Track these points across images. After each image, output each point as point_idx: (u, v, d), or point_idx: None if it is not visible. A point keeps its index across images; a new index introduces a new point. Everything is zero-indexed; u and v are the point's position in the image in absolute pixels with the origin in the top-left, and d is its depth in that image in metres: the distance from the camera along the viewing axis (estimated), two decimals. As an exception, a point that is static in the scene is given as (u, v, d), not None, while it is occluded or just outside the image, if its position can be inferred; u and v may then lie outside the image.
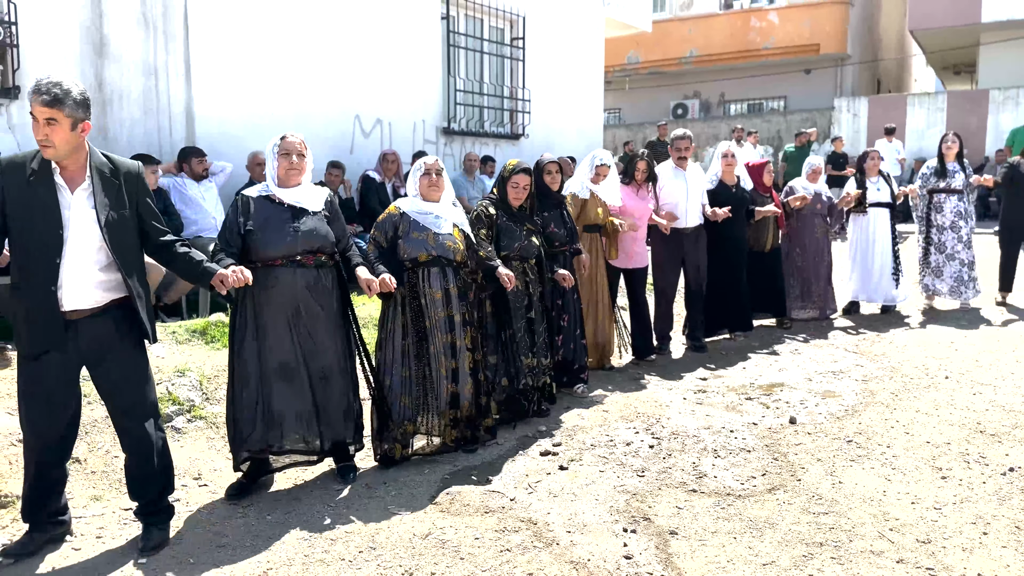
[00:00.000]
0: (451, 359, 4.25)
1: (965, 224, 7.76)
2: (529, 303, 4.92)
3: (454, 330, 4.25)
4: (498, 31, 10.62)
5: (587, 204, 5.80)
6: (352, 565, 3.20)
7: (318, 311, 3.81)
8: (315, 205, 3.86)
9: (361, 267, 3.95)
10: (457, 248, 4.26)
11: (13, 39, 5.92)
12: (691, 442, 4.53)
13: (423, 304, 4.19)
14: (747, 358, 6.41)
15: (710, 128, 19.63)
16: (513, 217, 4.87)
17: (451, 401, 4.29)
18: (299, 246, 3.73)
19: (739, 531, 3.44)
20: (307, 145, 3.88)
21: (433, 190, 4.28)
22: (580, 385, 5.44)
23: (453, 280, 4.27)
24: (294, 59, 7.90)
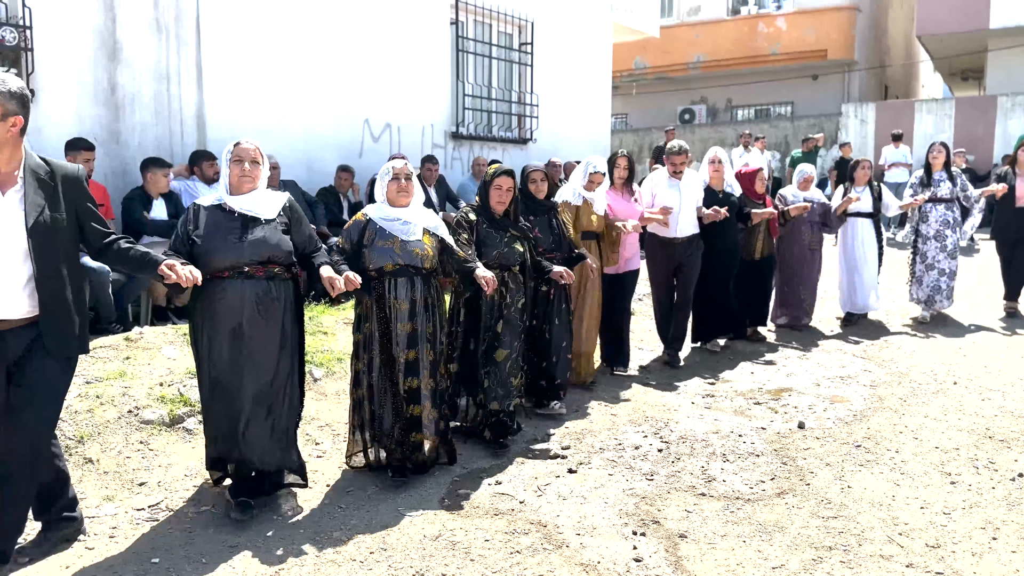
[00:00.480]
0: (412, 378, 3.99)
1: (952, 234, 7.71)
2: (500, 315, 4.58)
3: (417, 345, 3.99)
4: (506, 36, 10.66)
5: (580, 211, 5.62)
6: (363, 566, 3.23)
7: (265, 327, 3.57)
8: (268, 213, 3.64)
9: (325, 266, 3.74)
10: (426, 255, 4.01)
11: (28, 43, 5.97)
12: (700, 446, 4.54)
13: (389, 315, 3.96)
14: (755, 363, 6.42)
15: (717, 133, 19.63)
16: (495, 224, 4.62)
17: (400, 420, 4.00)
18: (246, 256, 3.52)
19: (748, 535, 3.45)
20: (262, 152, 3.69)
21: (402, 195, 4.05)
22: (556, 402, 5.11)
23: (421, 290, 4.01)
24: (304, 64, 7.95)
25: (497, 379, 4.55)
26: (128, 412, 4.33)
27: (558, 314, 5.06)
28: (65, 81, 6.25)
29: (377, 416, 4.01)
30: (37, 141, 6.10)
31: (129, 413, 4.31)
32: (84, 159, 5.76)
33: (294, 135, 7.84)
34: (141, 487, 3.89)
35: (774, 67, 21.06)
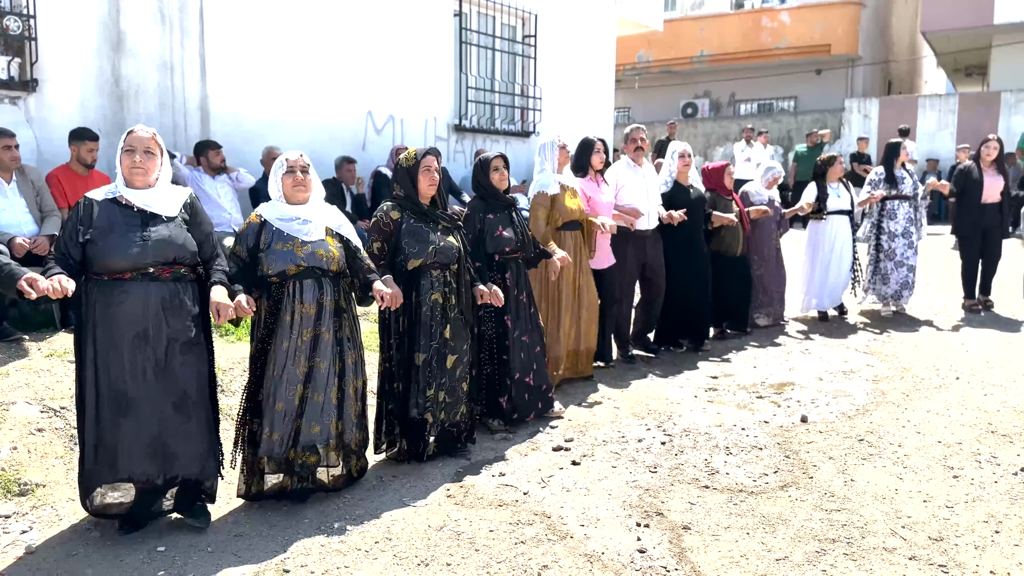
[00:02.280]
0: (316, 392, 3.64)
1: (915, 230, 7.79)
2: (447, 320, 4.14)
3: (316, 354, 3.63)
4: (510, 28, 10.65)
5: (557, 200, 5.23)
6: (368, 555, 3.24)
7: (170, 333, 3.29)
8: (170, 210, 3.35)
9: (218, 287, 3.37)
10: (331, 257, 3.63)
11: (32, 32, 5.97)
12: (703, 439, 4.55)
13: (289, 322, 3.58)
14: (757, 357, 6.43)
15: (720, 128, 19.61)
16: (423, 216, 4.13)
17: (293, 436, 3.64)
18: (150, 256, 3.23)
19: (752, 527, 3.46)
20: (160, 142, 3.39)
21: (298, 190, 3.64)
22: (557, 404, 4.98)
23: (331, 293, 3.66)
24: (308, 56, 7.94)
25: (448, 387, 4.18)
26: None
27: (530, 319, 4.78)
28: (69, 71, 6.25)
29: (268, 435, 3.61)
30: (42, 131, 6.12)
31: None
32: (88, 149, 5.76)
33: (297, 126, 7.84)
34: None
35: (778, 62, 21.04)
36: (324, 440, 3.67)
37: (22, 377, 4.51)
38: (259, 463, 3.66)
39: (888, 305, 7.89)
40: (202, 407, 3.44)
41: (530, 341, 4.76)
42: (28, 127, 6.01)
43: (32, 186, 5.47)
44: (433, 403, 4.11)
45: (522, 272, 4.79)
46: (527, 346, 4.74)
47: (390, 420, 4.17)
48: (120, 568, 3.12)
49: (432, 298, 4.08)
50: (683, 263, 6.34)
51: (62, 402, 4.33)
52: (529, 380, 4.73)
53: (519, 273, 4.76)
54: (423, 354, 4.06)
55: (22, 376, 4.52)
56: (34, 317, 5.50)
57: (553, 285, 5.24)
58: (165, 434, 3.31)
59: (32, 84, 6.01)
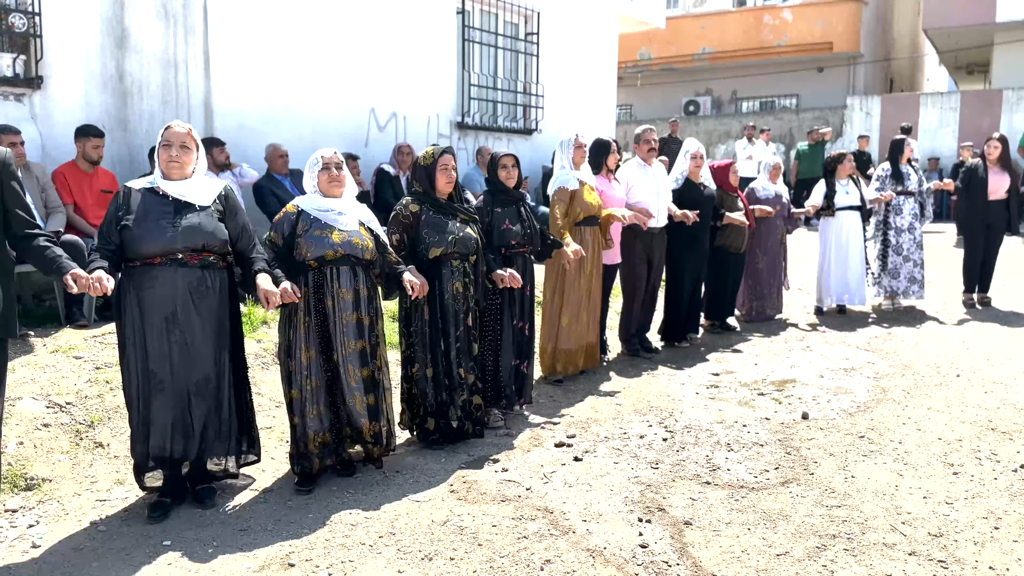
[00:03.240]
0: (362, 367, 3.88)
1: (919, 225, 7.91)
2: (468, 308, 4.36)
3: (364, 335, 3.86)
4: (512, 26, 10.66)
5: (577, 195, 5.37)
6: (372, 549, 3.26)
7: (198, 317, 3.46)
8: (204, 200, 3.52)
9: (262, 275, 3.54)
10: (366, 246, 3.84)
11: (36, 29, 5.99)
12: (704, 436, 4.58)
13: (330, 307, 3.78)
14: (759, 355, 6.45)
15: (722, 125, 19.62)
16: (442, 209, 4.31)
17: (369, 412, 3.92)
18: (179, 242, 3.39)
19: (753, 522, 3.49)
20: (195, 137, 3.57)
21: (334, 186, 3.86)
22: (495, 410, 4.82)
23: (364, 280, 3.87)
24: (311, 53, 7.95)
25: (476, 373, 4.45)
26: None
27: (531, 313, 4.90)
28: (73, 68, 6.27)
29: (315, 417, 3.83)
30: (46, 127, 6.14)
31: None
32: (94, 146, 5.79)
33: (301, 123, 7.86)
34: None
35: (780, 59, 21.04)
36: (359, 418, 3.88)
37: (28, 373, 4.54)
38: (308, 443, 3.84)
39: (898, 300, 7.95)
40: (225, 391, 3.60)
41: (524, 333, 4.89)
42: (33, 124, 6.03)
43: (37, 182, 5.49)
44: (460, 386, 4.35)
45: (528, 266, 4.92)
46: (524, 335, 4.90)
47: (413, 404, 4.39)
48: (126, 562, 3.15)
49: (454, 287, 4.26)
50: (689, 259, 6.49)
51: (67, 397, 4.36)
52: (524, 367, 4.92)
53: (525, 267, 4.87)
54: (448, 340, 4.29)
55: (28, 372, 4.55)
56: (38, 312, 5.52)
57: (572, 281, 5.42)
58: (190, 414, 3.50)
59: (37, 81, 6.03)
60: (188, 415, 3.51)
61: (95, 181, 5.91)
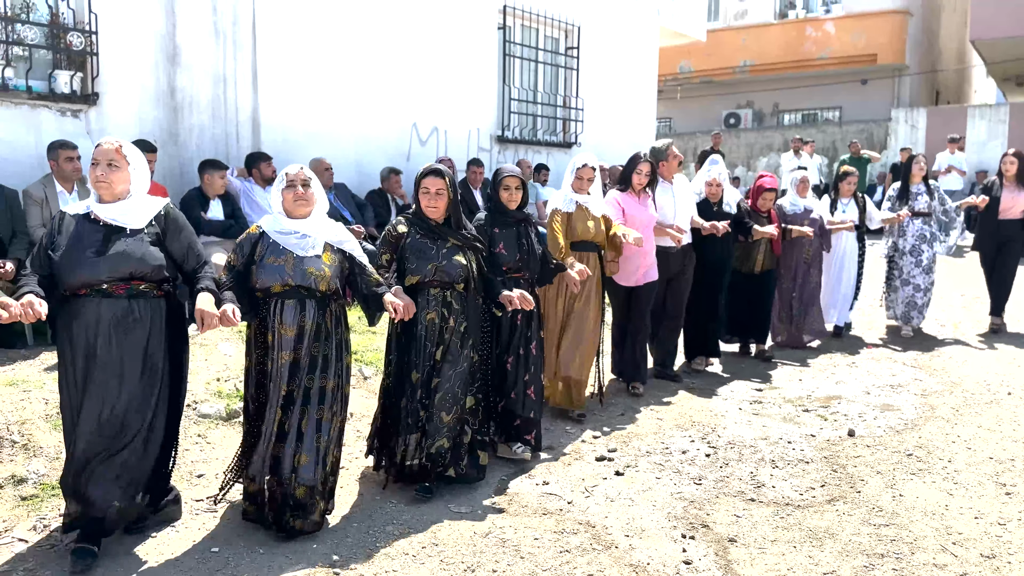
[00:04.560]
0: (285, 412, 3.46)
1: (928, 248, 7.52)
2: (441, 341, 3.91)
3: (297, 376, 3.45)
4: (553, 40, 10.72)
5: (573, 218, 5.02)
6: (415, 560, 3.29)
7: (121, 352, 3.16)
8: (136, 222, 3.23)
9: (204, 294, 3.26)
10: (322, 276, 3.46)
11: (93, 48, 6.18)
12: (748, 452, 4.53)
13: (270, 342, 3.45)
14: (803, 370, 6.37)
15: (763, 138, 19.46)
16: (431, 232, 3.94)
17: (272, 465, 3.48)
18: (103, 272, 3.12)
19: (799, 540, 3.45)
20: (126, 153, 3.25)
21: (299, 205, 3.51)
22: (520, 446, 4.40)
23: (314, 315, 3.46)
24: (355, 69, 8.08)
25: (441, 412, 3.91)
26: (186, 406, 4.44)
27: (522, 343, 4.44)
28: (127, 84, 6.45)
29: (257, 459, 3.54)
30: (101, 142, 6.31)
31: (188, 407, 4.44)
32: (146, 160, 5.93)
33: (345, 138, 7.99)
34: (199, 479, 4.00)
35: (822, 71, 20.82)
36: (288, 471, 3.47)
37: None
38: (249, 485, 3.56)
39: (906, 324, 7.62)
40: (144, 437, 3.25)
41: (516, 367, 4.42)
42: (89, 139, 6.21)
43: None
44: (424, 423, 3.88)
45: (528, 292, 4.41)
46: (505, 370, 4.40)
47: (386, 436, 4.01)
48: (175, 567, 3.21)
49: (428, 317, 3.87)
50: (708, 279, 6.12)
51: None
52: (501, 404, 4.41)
53: None
54: (417, 372, 3.89)
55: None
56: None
57: (551, 304, 4.98)
58: (94, 456, 3.18)
59: (93, 97, 6.22)
60: (92, 457, 3.18)
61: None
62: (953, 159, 13.78)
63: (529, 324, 4.46)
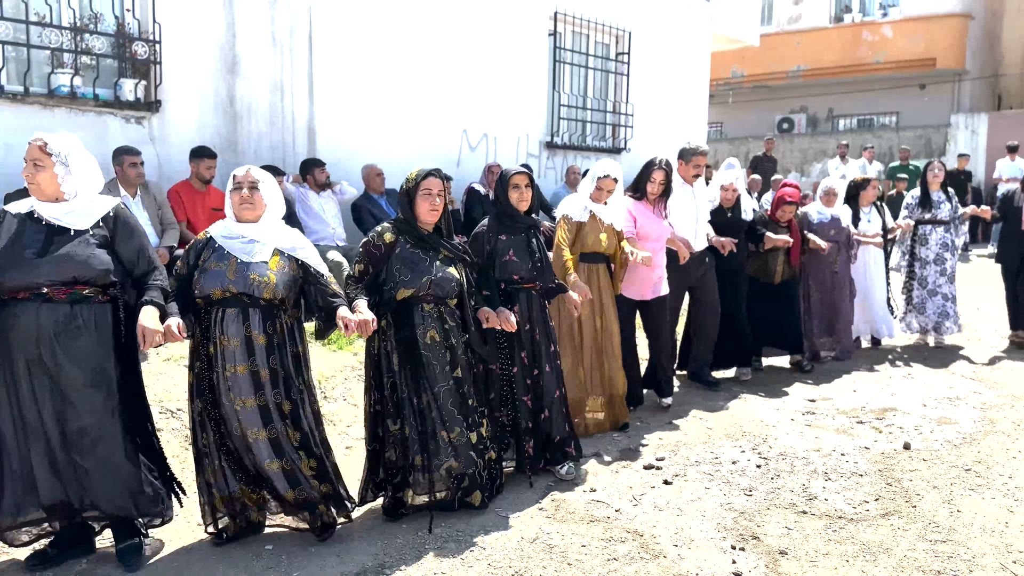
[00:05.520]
0: (264, 427, 3.30)
1: (951, 257, 7.30)
2: (453, 358, 3.67)
3: (263, 390, 3.27)
4: (603, 46, 10.71)
5: (585, 228, 4.71)
6: (463, 563, 3.32)
7: (68, 361, 3.01)
8: (82, 223, 3.07)
9: (147, 308, 3.08)
10: (266, 283, 3.23)
11: (157, 57, 6.38)
12: (800, 463, 4.47)
13: (213, 354, 3.26)
14: (857, 381, 6.25)
15: (817, 143, 19.13)
16: (423, 242, 3.66)
17: (255, 479, 3.37)
18: (42, 275, 2.96)
19: (852, 554, 3.39)
20: (51, 151, 3.03)
21: (245, 208, 3.30)
22: (567, 464, 4.22)
23: (260, 325, 3.25)
24: (407, 76, 8.19)
25: (475, 431, 3.73)
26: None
27: (547, 358, 4.20)
28: (189, 92, 6.65)
29: (216, 472, 3.38)
30: (163, 149, 6.52)
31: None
32: (207, 166, 6.13)
33: (396, 145, 8.09)
34: None
35: (879, 76, 20.39)
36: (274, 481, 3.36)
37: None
38: (215, 502, 3.41)
39: (928, 336, 7.41)
40: (109, 443, 3.12)
41: (539, 383, 4.17)
42: (151, 145, 6.42)
43: (154, 200, 5.85)
44: (453, 447, 3.66)
45: (535, 304, 4.19)
46: (532, 388, 4.16)
47: (375, 465, 3.75)
48: (228, 563, 3.29)
49: (428, 335, 3.62)
50: (727, 289, 5.89)
51: (179, 404, 4.59)
52: (528, 425, 4.14)
53: (531, 305, 4.17)
54: (428, 396, 3.62)
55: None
56: None
57: (569, 326, 4.72)
58: (66, 468, 3.08)
59: (156, 105, 6.42)
60: (70, 469, 3.08)
61: (207, 199, 6.24)
62: (1012, 167, 13.38)
63: (550, 337, 4.22)
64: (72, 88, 5.97)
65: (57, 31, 5.94)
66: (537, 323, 4.18)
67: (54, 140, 3.06)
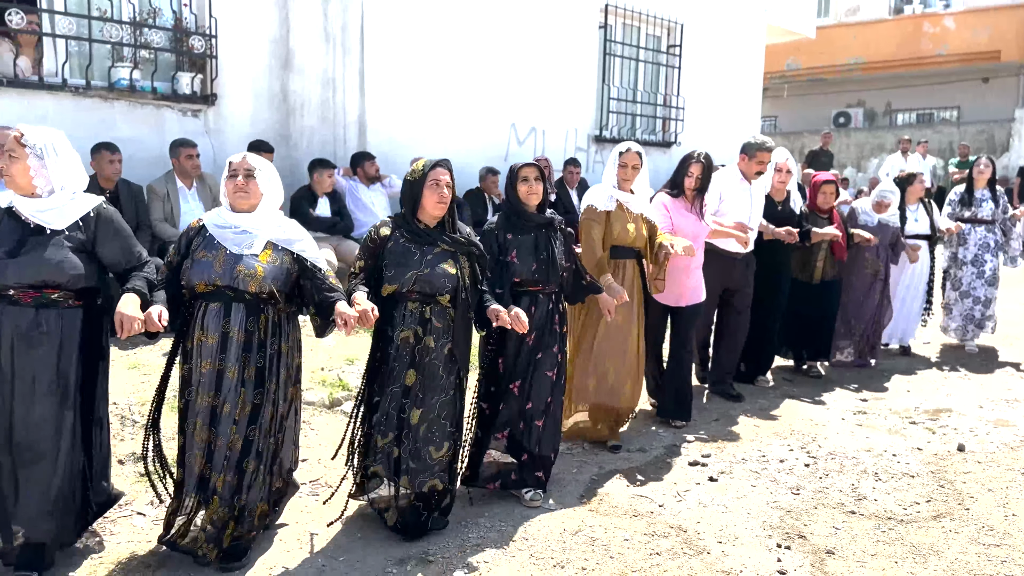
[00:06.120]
0: (209, 428, 3.08)
1: (992, 258, 6.93)
2: (413, 363, 3.36)
3: (221, 390, 3.05)
4: (655, 39, 10.62)
5: (611, 218, 4.34)
6: (506, 553, 3.34)
7: (26, 369, 2.84)
8: (58, 223, 2.88)
9: (127, 295, 2.92)
10: (252, 275, 3.02)
11: (213, 51, 6.53)
12: (850, 463, 4.39)
13: (191, 349, 3.10)
14: (911, 381, 6.11)
15: (875, 138, 18.69)
16: (419, 236, 3.39)
17: (199, 484, 3.12)
18: (10, 277, 2.79)
19: (901, 556, 3.32)
20: (27, 142, 2.88)
21: (240, 197, 3.11)
22: (530, 490, 3.83)
23: (241, 321, 3.05)
24: (457, 71, 8.24)
25: (410, 448, 3.39)
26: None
27: (544, 364, 3.85)
28: (243, 87, 6.79)
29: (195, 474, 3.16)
30: (218, 141, 6.68)
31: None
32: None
33: (445, 139, 8.14)
34: (303, 463, 4.16)
35: (939, 69, 19.81)
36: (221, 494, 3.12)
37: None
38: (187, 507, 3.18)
39: (963, 339, 7.08)
40: (51, 460, 2.92)
41: (519, 392, 3.83)
42: (207, 138, 6.57)
43: (210, 192, 5.99)
44: (385, 460, 3.40)
45: (540, 309, 3.84)
46: (512, 396, 3.83)
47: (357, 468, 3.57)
48: (282, 549, 3.36)
49: (401, 336, 3.35)
50: (770, 288, 5.59)
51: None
52: (503, 438, 3.84)
53: (535, 310, 3.81)
54: (379, 398, 3.42)
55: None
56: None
57: (590, 326, 4.40)
58: (7, 483, 2.91)
59: (212, 98, 6.57)
60: (10, 484, 2.90)
61: (261, 192, 6.36)
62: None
63: (540, 344, 3.84)
64: (131, 82, 6.14)
65: (117, 26, 6.11)
66: (535, 328, 3.78)
67: (31, 132, 2.91)
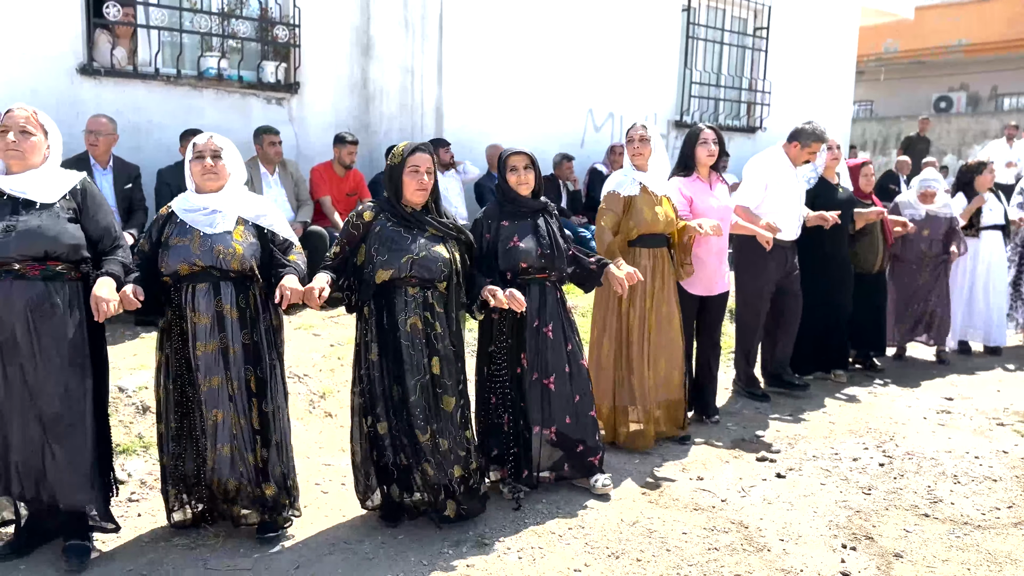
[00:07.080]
0: (216, 410, 3.11)
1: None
2: (432, 350, 3.29)
3: (230, 368, 3.08)
4: (740, 21, 10.32)
5: (636, 203, 4.16)
6: (562, 540, 3.35)
7: (41, 342, 2.86)
8: (48, 196, 2.91)
9: (104, 278, 2.92)
10: (232, 254, 3.04)
11: (296, 40, 6.70)
12: (928, 464, 4.20)
13: (187, 331, 3.07)
14: (1002, 380, 5.80)
15: (978, 124, 17.70)
16: (406, 221, 3.31)
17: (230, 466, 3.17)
18: (13, 249, 2.81)
19: (974, 563, 3.17)
20: (41, 121, 2.96)
21: (208, 179, 3.11)
22: (598, 476, 3.81)
23: (231, 299, 3.07)
24: (534, 57, 8.21)
25: (451, 436, 3.33)
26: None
27: (565, 358, 3.76)
28: (325, 75, 6.95)
29: (184, 461, 3.19)
30: (300, 129, 6.87)
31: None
32: (348, 152, 6.41)
33: (521, 126, 8.14)
34: (341, 452, 4.22)
35: (1054, 50, 18.60)
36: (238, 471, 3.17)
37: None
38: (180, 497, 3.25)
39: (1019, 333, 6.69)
40: (81, 429, 2.98)
41: (557, 387, 3.71)
42: (290, 125, 6.76)
43: (291, 178, 6.17)
44: (426, 451, 3.30)
45: (548, 298, 3.73)
46: (549, 392, 3.70)
47: (367, 467, 3.46)
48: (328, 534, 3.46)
49: (409, 323, 3.26)
50: (820, 279, 5.32)
51: (305, 370, 4.84)
52: (550, 433, 3.72)
53: (543, 299, 3.71)
54: (404, 390, 3.29)
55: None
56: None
57: (623, 318, 4.25)
58: (36, 456, 2.95)
59: (295, 87, 6.75)
60: (35, 457, 2.94)
61: (344, 184, 6.53)
62: None
63: (566, 336, 3.75)
64: (219, 70, 6.37)
65: (207, 17, 6.34)
66: (551, 318, 3.72)
67: (38, 112, 2.99)
